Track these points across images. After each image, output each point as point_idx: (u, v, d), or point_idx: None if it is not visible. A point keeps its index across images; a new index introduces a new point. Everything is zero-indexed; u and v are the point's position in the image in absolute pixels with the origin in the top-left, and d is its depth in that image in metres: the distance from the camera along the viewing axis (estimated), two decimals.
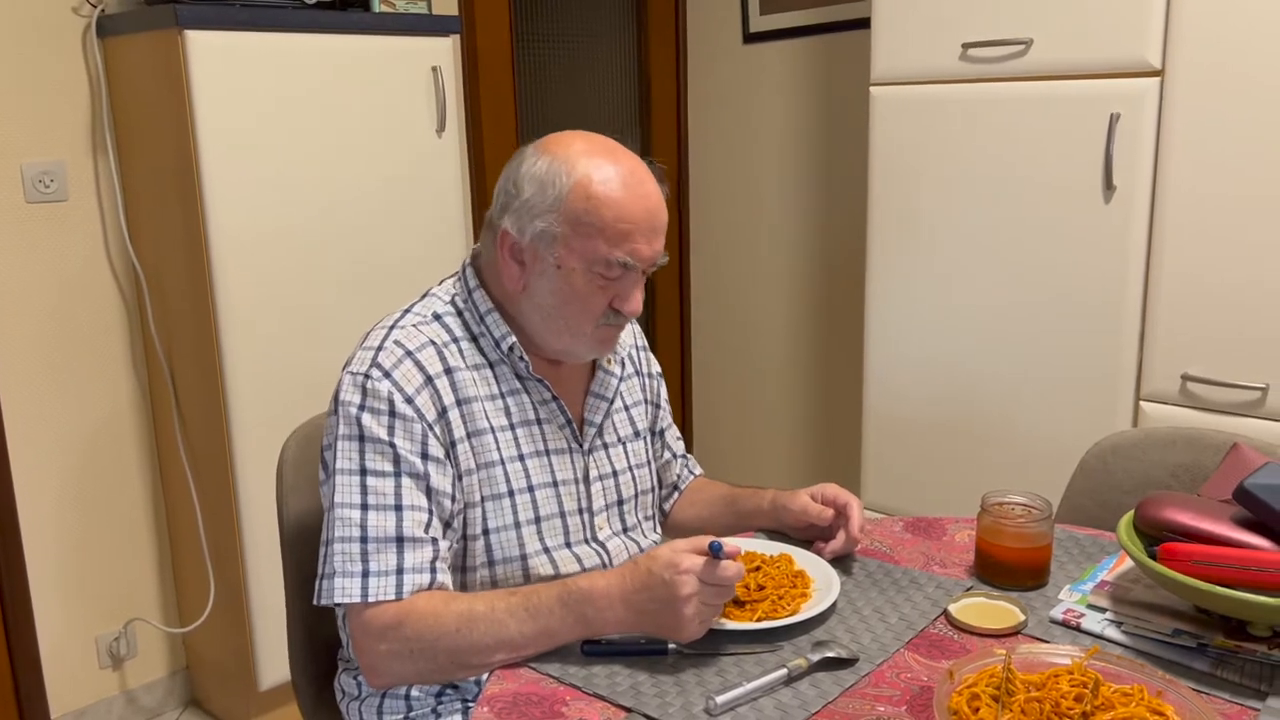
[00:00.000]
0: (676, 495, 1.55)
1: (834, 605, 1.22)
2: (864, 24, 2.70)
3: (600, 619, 1.11)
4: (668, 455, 1.53)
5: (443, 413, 1.21)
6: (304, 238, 2.18)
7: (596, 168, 1.19)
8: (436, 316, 1.27)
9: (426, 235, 2.39)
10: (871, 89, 2.32)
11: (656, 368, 1.51)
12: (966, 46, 2.16)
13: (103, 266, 2.28)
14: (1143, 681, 0.95)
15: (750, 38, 3.12)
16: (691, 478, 1.56)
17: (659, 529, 1.46)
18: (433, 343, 1.24)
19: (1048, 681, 0.95)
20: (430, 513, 1.19)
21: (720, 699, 1.02)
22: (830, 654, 1.11)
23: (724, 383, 3.45)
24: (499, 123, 2.91)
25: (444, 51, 2.36)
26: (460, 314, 1.28)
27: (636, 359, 1.46)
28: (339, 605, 1.23)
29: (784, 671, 1.07)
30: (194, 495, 2.28)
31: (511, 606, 1.12)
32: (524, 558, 1.26)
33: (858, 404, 2.47)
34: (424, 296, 1.32)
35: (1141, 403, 2.04)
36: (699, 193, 3.39)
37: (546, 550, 1.28)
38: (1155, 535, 1.15)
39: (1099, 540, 1.39)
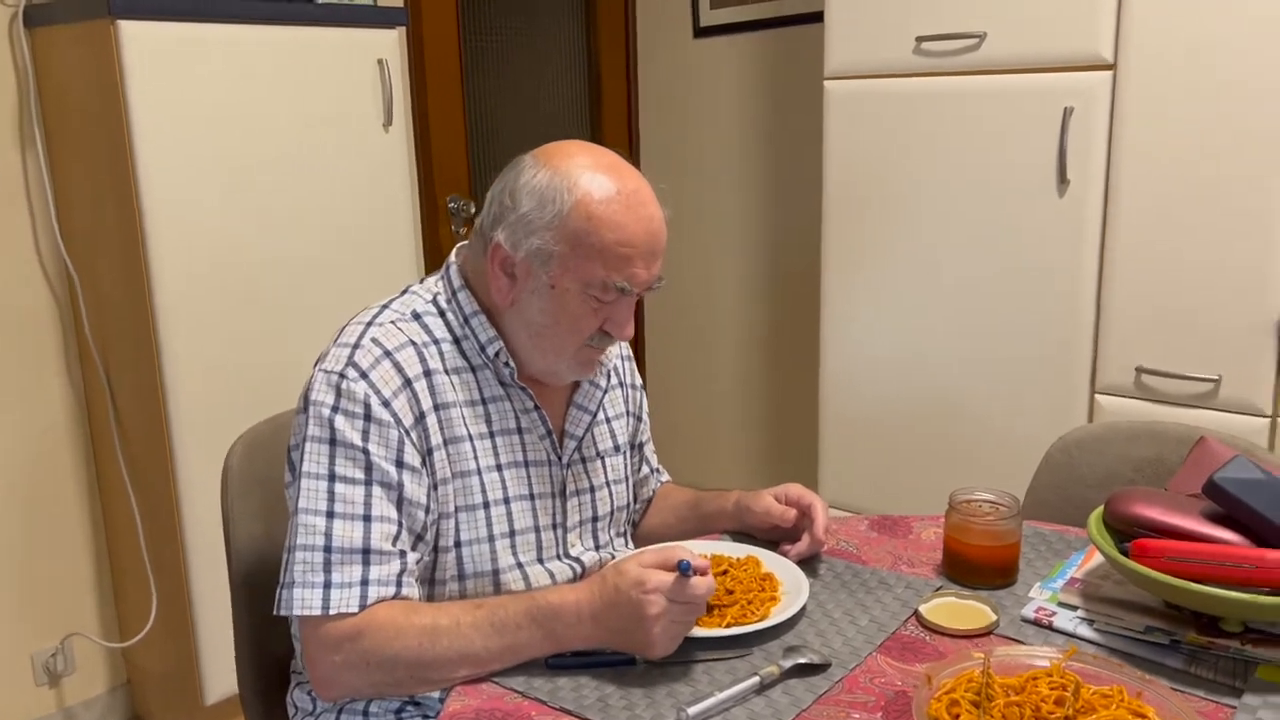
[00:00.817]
0: (647, 507, 1.52)
1: (804, 608, 1.19)
2: (817, 18, 2.68)
3: (568, 635, 1.07)
4: (645, 470, 1.49)
5: (420, 418, 1.16)
6: (246, 235, 2.11)
7: (599, 186, 1.14)
8: (417, 315, 1.22)
9: (374, 232, 2.32)
10: (825, 83, 2.31)
11: (639, 379, 1.46)
12: (920, 40, 2.15)
13: (33, 267, 2.18)
14: (1121, 682, 0.94)
15: (701, 31, 3.10)
16: (659, 485, 1.52)
17: (630, 545, 1.42)
18: (412, 343, 1.18)
19: (1027, 685, 0.93)
20: (400, 525, 1.13)
21: (692, 710, 0.99)
22: (802, 660, 1.08)
23: (678, 382, 3.42)
24: (446, 116, 2.85)
25: (390, 44, 2.30)
26: (443, 314, 1.23)
27: (621, 370, 1.42)
28: (297, 617, 1.17)
29: (756, 679, 1.04)
30: (134, 504, 2.19)
31: (477, 621, 1.08)
32: (496, 572, 1.21)
33: (815, 401, 2.46)
34: (403, 293, 1.26)
35: (1097, 395, 2.05)
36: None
37: (519, 565, 1.23)
38: (1125, 531, 1.14)
39: (1065, 536, 1.38)
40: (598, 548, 1.33)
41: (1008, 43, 2.04)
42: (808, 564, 1.31)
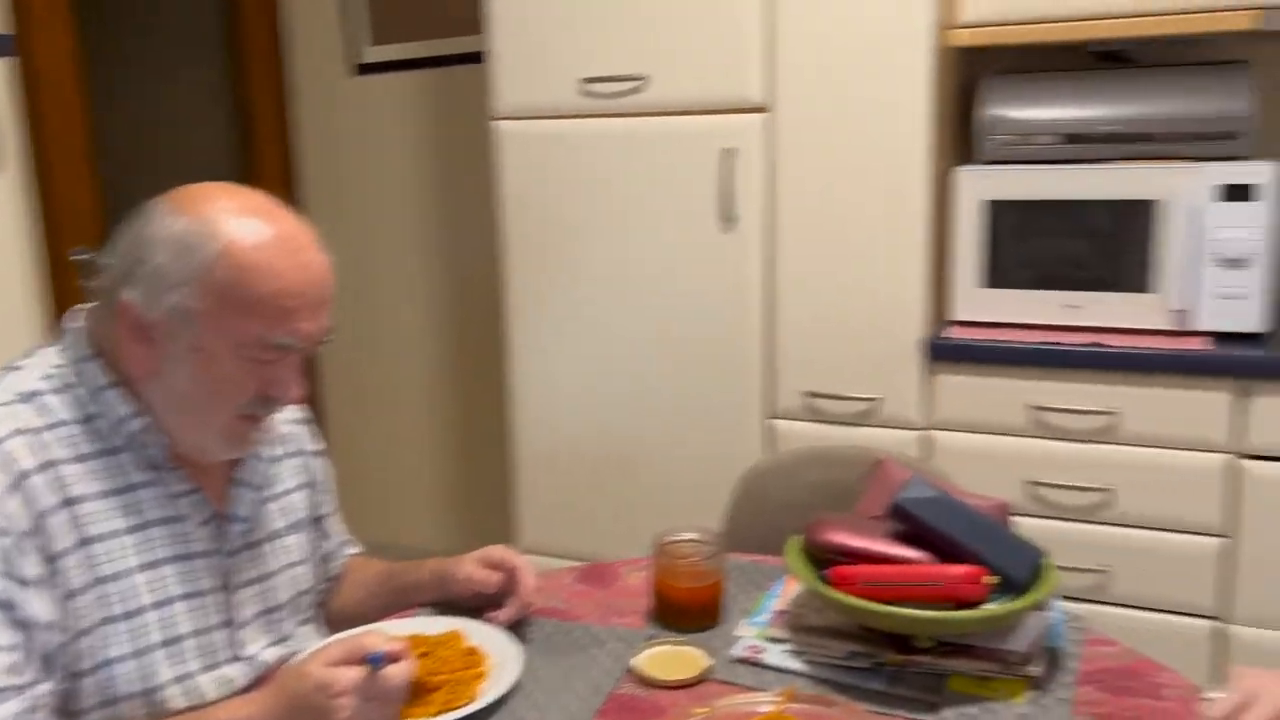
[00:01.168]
0: (337, 585, 1.37)
1: (516, 681, 1.11)
2: (483, 57, 2.64)
3: None
4: (330, 545, 1.34)
5: (40, 518, 0.96)
6: None
7: (249, 231, 1.00)
8: (32, 394, 1.02)
9: None
10: (494, 124, 2.27)
11: (317, 444, 1.32)
12: (585, 81, 2.16)
13: None
14: (837, 718, 0.94)
15: (363, 69, 2.96)
16: (347, 559, 1.38)
17: (322, 632, 1.26)
18: (25, 430, 0.98)
19: None
20: (20, 650, 0.93)
21: None
22: None
23: (363, 440, 3.23)
24: (68, 155, 2.50)
25: None
26: (66, 390, 1.03)
27: (294, 435, 1.27)
28: None
29: None
30: None
31: None
32: (151, 691, 1.03)
33: (508, 445, 2.40)
34: (7, 371, 1.05)
35: (772, 421, 2.14)
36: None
37: (180, 679, 1.05)
38: (823, 558, 1.17)
39: (763, 566, 1.40)
40: (281, 642, 1.18)
41: (669, 86, 2.10)
42: (516, 628, 1.23)
